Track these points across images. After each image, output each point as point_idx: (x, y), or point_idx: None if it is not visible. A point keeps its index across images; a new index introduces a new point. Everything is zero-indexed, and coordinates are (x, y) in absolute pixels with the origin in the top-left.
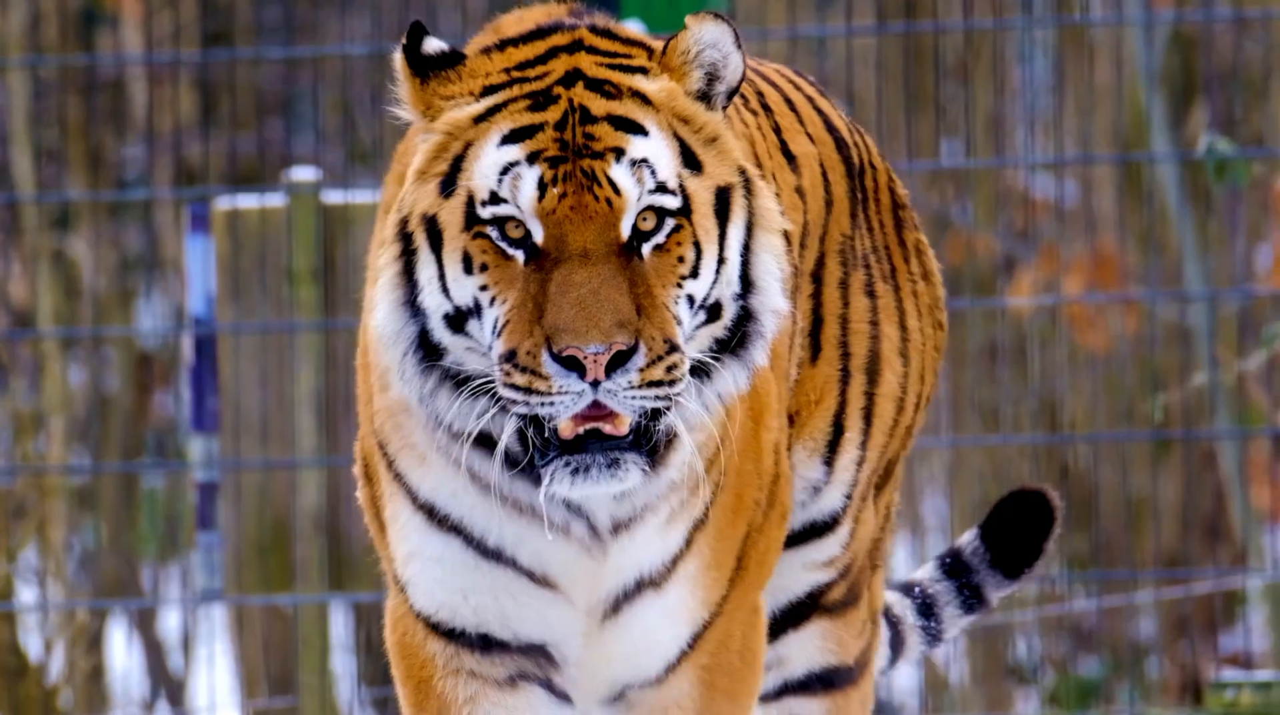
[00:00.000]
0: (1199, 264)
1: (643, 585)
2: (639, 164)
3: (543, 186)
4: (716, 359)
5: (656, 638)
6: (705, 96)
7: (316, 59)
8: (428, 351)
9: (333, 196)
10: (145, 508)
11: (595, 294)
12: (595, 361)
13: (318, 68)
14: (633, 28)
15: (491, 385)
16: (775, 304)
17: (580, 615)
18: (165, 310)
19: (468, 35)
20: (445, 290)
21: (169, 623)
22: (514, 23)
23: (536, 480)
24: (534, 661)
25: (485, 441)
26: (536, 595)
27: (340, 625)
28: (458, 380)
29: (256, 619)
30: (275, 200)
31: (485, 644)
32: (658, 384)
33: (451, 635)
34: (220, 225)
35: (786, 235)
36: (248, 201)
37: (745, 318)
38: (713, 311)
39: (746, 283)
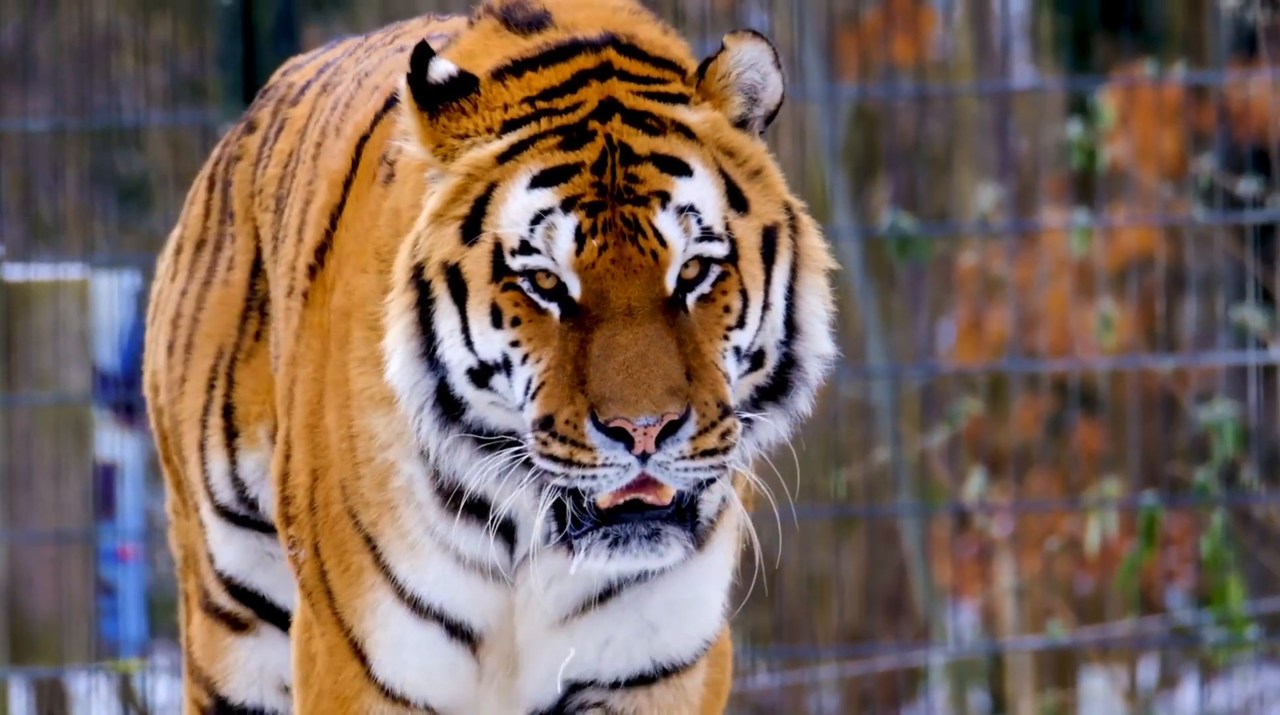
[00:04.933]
0: (881, 340)
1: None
2: (685, 211)
3: (580, 238)
4: (758, 407)
5: (702, 602)
6: (745, 123)
7: None
8: (447, 406)
9: (13, 272)
10: None
11: (643, 358)
12: (645, 433)
13: None
14: None
15: (517, 443)
16: (821, 349)
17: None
18: None
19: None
20: (469, 343)
21: None
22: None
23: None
24: None
25: (478, 511)
26: (472, 669)
27: (20, 702)
28: (479, 437)
29: None
30: None
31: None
32: (711, 452)
33: (406, 704)
34: None
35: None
36: None
37: (788, 364)
38: (756, 359)
39: (791, 328)
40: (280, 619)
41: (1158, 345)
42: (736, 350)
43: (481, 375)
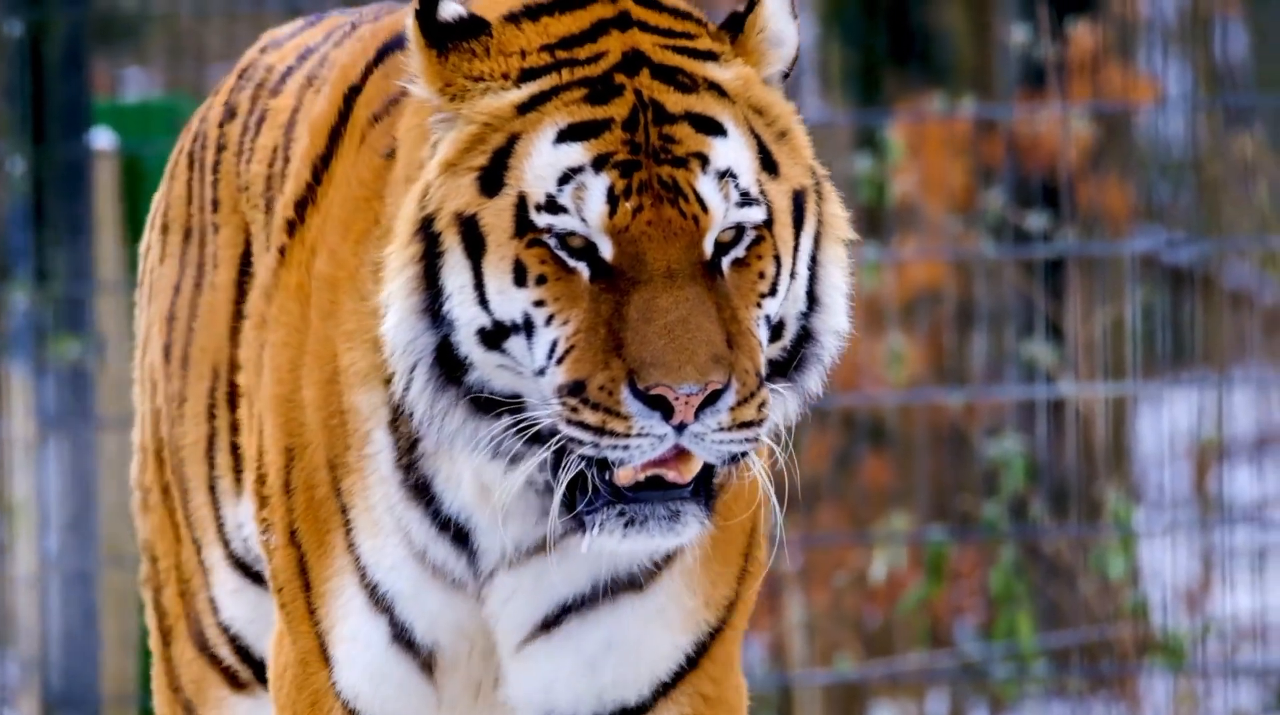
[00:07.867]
0: None
1: (617, 587)
2: (725, 175)
3: (613, 199)
4: (770, 385)
5: (642, 650)
6: (769, 80)
7: None
8: (446, 366)
9: None
10: None
11: (685, 322)
12: (687, 402)
13: None
14: (104, 138)
15: (518, 409)
16: (839, 324)
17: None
18: None
19: None
20: (484, 302)
21: None
22: None
23: (468, 548)
24: None
25: (424, 494)
26: (426, 692)
27: None
28: (478, 400)
29: None
30: None
31: None
32: (748, 425)
33: None
34: None
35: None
36: None
37: (804, 338)
38: (775, 330)
39: (811, 299)
40: None
41: (946, 379)
42: (767, 318)
43: (495, 336)
